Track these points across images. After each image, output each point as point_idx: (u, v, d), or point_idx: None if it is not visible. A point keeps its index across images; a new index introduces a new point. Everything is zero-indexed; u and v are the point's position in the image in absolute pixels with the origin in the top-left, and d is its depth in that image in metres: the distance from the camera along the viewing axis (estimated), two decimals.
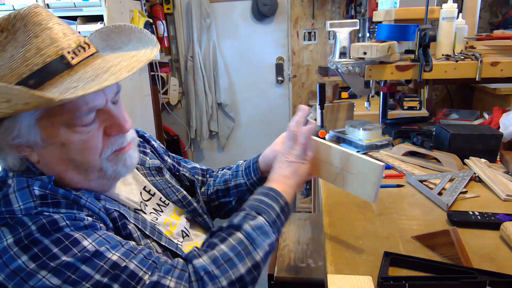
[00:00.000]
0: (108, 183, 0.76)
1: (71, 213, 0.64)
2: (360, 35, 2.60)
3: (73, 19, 1.93)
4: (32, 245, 0.59)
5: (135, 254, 0.64)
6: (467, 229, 0.89)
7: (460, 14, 1.49)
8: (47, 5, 1.89)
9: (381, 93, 1.76)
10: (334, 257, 0.82)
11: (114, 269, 0.61)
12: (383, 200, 1.06)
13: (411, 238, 0.87)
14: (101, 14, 1.91)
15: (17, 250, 0.59)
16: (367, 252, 0.83)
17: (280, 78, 3.32)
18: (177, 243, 0.82)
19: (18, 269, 0.58)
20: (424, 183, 1.12)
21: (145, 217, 0.81)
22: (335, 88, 1.80)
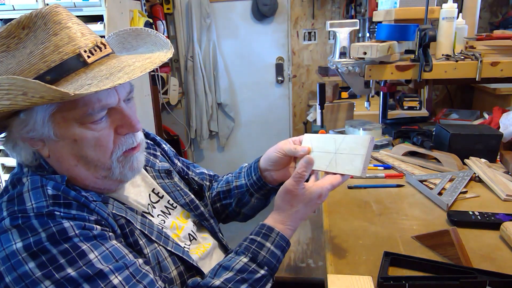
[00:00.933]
0: (114, 184, 0.77)
1: (82, 216, 0.65)
2: (360, 35, 2.60)
3: None
4: (40, 253, 0.60)
5: (137, 281, 0.65)
6: (467, 229, 0.89)
7: (460, 14, 1.49)
8: (47, 5, 1.88)
9: (381, 93, 1.76)
10: (334, 257, 0.82)
11: None
12: (383, 200, 1.06)
13: (411, 238, 0.87)
14: (101, 14, 1.91)
15: (25, 256, 0.60)
16: (367, 252, 0.83)
17: (280, 78, 3.32)
18: (184, 246, 0.82)
19: (24, 275, 0.59)
20: (424, 183, 1.12)
21: (152, 220, 0.81)
22: (335, 88, 1.81)
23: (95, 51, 0.67)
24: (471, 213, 0.92)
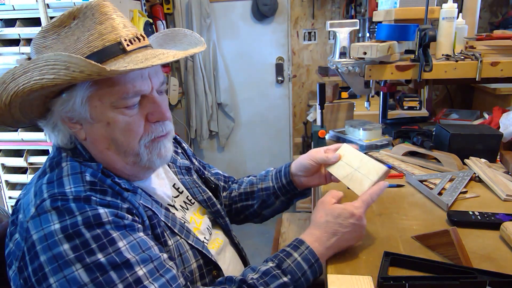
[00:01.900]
0: (142, 172, 0.81)
1: (115, 203, 0.69)
2: (360, 35, 2.60)
3: None
4: (75, 235, 0.63)
5: (160, 275, 0.68)
6: (467, 229, 0.89)
7: (460, 14, 1.49)
8: (47, 5, 1.88)
9: (381, 93, 1.76)
10: (334, 257, 0.82)
11: (136, 285, 0.64)
12: (383, 200, 1.06)
13: (411, 238, 0.87)
14: None
15: (61, 237, 0.63)
16: (367, 252, 0.83)
17: (280, 78, 3.32)
18: (204, 240, 0.87)
19: (58, 255, 0.63)
20: (424, 183, 1.12)
21: (175, 214, 0.85)
22: (335, 88, 1.80)
23: (134, 41, 0.72)
24: (471, 213, 0.92)
